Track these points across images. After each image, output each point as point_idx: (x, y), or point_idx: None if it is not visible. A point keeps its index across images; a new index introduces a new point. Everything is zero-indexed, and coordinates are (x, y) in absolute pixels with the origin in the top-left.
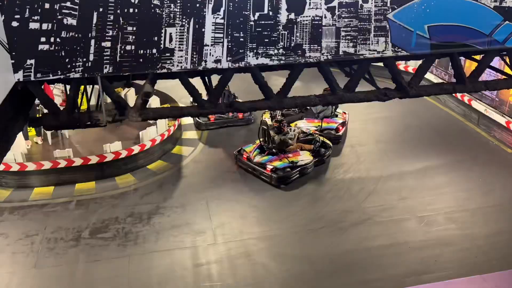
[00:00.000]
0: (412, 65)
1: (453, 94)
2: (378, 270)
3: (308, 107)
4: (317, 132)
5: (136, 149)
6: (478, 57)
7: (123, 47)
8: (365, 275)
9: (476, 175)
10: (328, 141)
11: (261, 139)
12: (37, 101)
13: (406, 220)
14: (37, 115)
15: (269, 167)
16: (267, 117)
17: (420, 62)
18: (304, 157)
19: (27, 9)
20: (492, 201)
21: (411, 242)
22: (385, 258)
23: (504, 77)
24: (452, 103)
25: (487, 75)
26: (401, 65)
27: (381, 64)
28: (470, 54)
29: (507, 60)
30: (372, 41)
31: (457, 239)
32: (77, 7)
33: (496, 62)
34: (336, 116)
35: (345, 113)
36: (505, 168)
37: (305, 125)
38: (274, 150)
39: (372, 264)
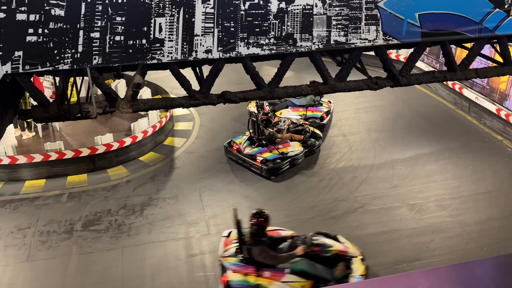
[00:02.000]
0: (404, 54)
1: (444, 82)
2: (371, 258)
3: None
4: (307, 122)
5: (127, 141)
6: (468, 45)
7: (112, 37)
8: None
9: (467, 162)
10: (318, 132)
11: (250, 131)
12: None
13: (398, 208)
14: (24, 108)
15: (259, 158)
16: (252, 106)
17: (411, 50)
18: (294, 148)
19: (14, 0)
20: (482, 188)
21: (403, 229)
22: (377, 246)
23: (494, 64)
24: (443, 91)
25: (478, 63)
26: (393, 54)
27: (372, 53)
28: (461, 42)
29: (498, 48)
30: (363, 29)
31: (448, 226)
32: None
33: (487, 49)
34: (321, 104)
35: (330, 102)
36: (495, 155)
37: (290, 113)
38: (264, 142)
39: (365, 252)
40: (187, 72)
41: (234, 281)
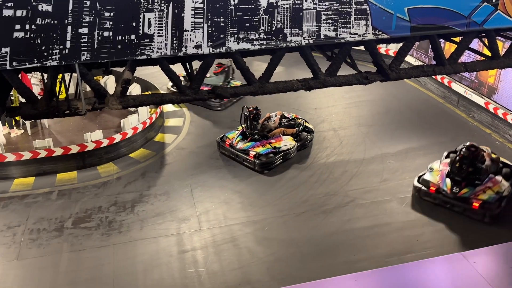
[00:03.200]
0: (393, 49)
1: (433, 76)
2: (362, 251)
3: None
4: (299, 116)
5: (117, 137)
6: (457, 39)
7: (100, 33)
8: (349, 256)
9: None
10: (310, 126)
11: (243, 125)
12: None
13: (388, 202)
14: (12, 105)
15: (252, 153)
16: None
17: (400, 45)
18: (287, 142)
19: None
20: None
21: (393, 223)
22: (368, 239)
23: (482, 58)
24: (432, 85)
25: (466, 57)
26: (382, 48)
27: (362, 47)
28: (450, 36)
29: (486, 42)
30: (353, 24)
31: (437, 218)
32: None
33: (475, 44)
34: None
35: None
36: None
37: None
38: (256, 136)
39: (356, 245)
40: (177, 68)
41: (487, 198)
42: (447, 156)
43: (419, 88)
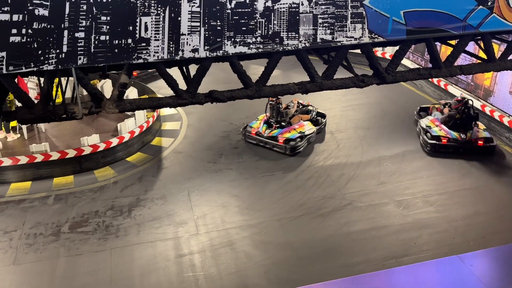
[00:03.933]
0: (389, 52)
1: (430, 79)
2: (359, 254)
3: None
4: (311, 104)
5: (114, 141)
6: (453, 42)
7: (97, 37)
8: (347, 259)
9: (453, 158)
10: (321, 111)
11: (267, 114)
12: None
13: (385, 205)
14: (10, 109)
15: (281, 139)
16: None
17: (396, 48)
18: (309, 127)
19: None
20: (468, 184)
21: (391, 225)
22: (365, 242)
23: (478, 61)
24: (429, 88)
25: (462, 60)
26: (378, 51)
27: (358, 50)
28: (446, 39)
29: (481, 45)
30: (349, 27)
31: (435, 221)
32: None
33: (471, 46)
34: None
35: None
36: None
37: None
38: (283, 124)
39: (353, 248)
40: (174, 71)
41: (485, 135)
42: (420, 116)
43: (416, 91)
